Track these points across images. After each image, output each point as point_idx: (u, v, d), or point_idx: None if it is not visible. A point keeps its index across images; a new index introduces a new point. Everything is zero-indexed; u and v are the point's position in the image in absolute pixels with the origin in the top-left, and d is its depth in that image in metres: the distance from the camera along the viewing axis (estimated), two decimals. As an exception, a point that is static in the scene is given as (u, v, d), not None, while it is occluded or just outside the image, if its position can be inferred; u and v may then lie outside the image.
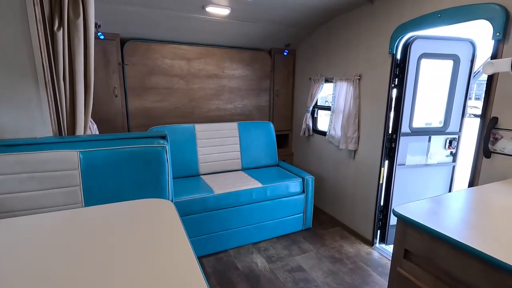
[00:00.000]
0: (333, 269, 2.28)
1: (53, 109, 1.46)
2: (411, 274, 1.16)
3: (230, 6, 2.42)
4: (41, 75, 1.38)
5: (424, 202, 1.26)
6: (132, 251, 0.83)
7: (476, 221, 1.09)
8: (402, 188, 2.48)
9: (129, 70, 2.81)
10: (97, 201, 1.37)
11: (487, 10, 1.63)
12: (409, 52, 2.18)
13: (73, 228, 0.98)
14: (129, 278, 0.71)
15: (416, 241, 1.12)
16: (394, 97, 2.32)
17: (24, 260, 0.78)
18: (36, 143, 1.32)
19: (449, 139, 2.48)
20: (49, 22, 1.39)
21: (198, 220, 2.35)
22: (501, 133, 1.61)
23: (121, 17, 2.45)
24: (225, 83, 3.31)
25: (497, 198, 1.31)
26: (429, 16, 1.95)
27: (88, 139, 1.43)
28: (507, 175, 1.59)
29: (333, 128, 2.92)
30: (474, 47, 2.32)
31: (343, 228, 2.94)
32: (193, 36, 2.95)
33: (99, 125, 2.44)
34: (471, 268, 0.93)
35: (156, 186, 1.53)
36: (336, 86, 2.85)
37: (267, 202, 2.63)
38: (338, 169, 2.99)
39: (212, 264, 2.34)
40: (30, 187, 1.29)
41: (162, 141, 1.55)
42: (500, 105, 1.61)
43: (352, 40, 2.65)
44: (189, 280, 0.70)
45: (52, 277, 0.72)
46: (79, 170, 1.34)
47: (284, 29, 3.04)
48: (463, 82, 2.38)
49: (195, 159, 2.85)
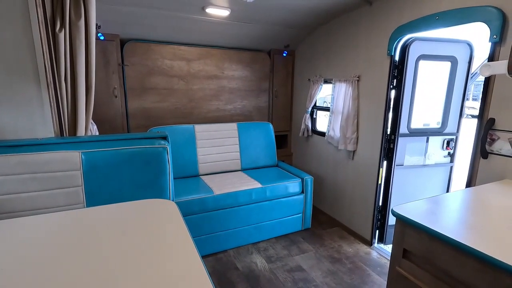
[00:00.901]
0: (332, 269, 2.30)
1: (54, 110, 1.47)
2: (410, 274, 1.17)
3: (230, 7, 2.43)
4: (43, 76, 1.39)
5: (422, 202, 1.28)
6: (136, 251, 0.84)
7: (473, 221, 1.11)
8: (401, 188, 2.50)
9: (129, 70, 2.81)
10: (99, 201, 1.38)
11: (484, 13, 1.65)
12: (407, 53, 2.20)
13: (75, 229, 0.99)
14: (134, 278, 0.72)
15: (414, 241, 1.14)
16: (392, 98, 2.34)
17: (25, 261, 0.79)
18: (38, 144, 1.32)
19: (447, 140, 2.50)
20: (51, 24, 1.40)
21: (197, 221, 2.36)
22: (498, 134, 1.63)
23: (121, 18, 2.46)
24: (225, 84, 3.32)
25: (494, 198, 1.33)
26: (427, 18, 1.97)
27: (90, 140, 1.44)
28: (504, 175, 1.61)
29: (332, 129, 2.94)
30: (471, 49, 2.34)
31: (342, 228, 2.96)
32: (192, 37, 2.96)
33: (99, 125, 2.45)
34: (469, 267, 0.95)
35: (157, 186, 1.54)
36: (335, 87, 2.87)
37: (266, 202, 2.64)
38: (337, 169, 3.01)
39: (212, 264, 2.35)
40: (32, 187, 1.29)
41: (163, 141, 1.55)
42: (497, 107, 1.63)
43: (351, 41, 2.67)
44: (194, 280, 0.71)
45: (55, 278, 0.72)
46: (81, 171, 1.35)
47: (283, 30, 3.06)
48: (461, 83, 2.41)
49: (194, 159, 2.86)
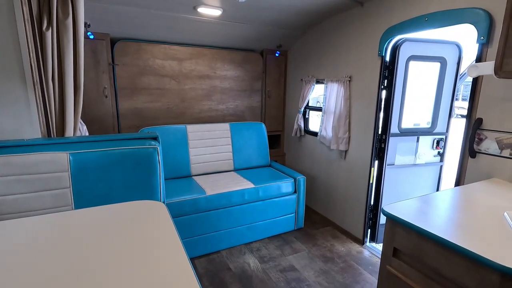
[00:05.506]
0: (324, 268, 2.31)
1: (41, 110, 1.44)
2: (400, 272, 1.18)
3: (221, 7, 2.42)
4: (29, 75, 1.36)
5: (412, 201, 1.30)
6: (124, 253, 0.83)
7: (461, 220, 1.12)
8: (392, 187, 2.53)
9: (120, 70, 2.78)
10: (88, 203, 1.36)
11: (471, 15, 1.68)
12: (397, 54, 2.23)
13: (63, 231, 0.97)
14: (121, 281, 0.71)
15: (404, 240, 1.15)
16: (383, 98, 2.36)
17: (10, 265, 0.77)
18: (24, 145, 1.29)
19: (437, 140, 2.54)
20: (37, 22, 1.37)
21: (190, 221, 2.34)
22: (485, 133, 1.66)
23: (111, 17, 2.42)
24: (217, 84, 3.30)
25: (481, 197, 1.35)
26: (417, 20, 1.99)
27: (78, 141, 1.41)
28: (491, 174, 1.64)
29: (324, 129, 2.96)
30: (460, 50, 2.38)
31: (335, 227, 2.98)
32: (184, 37, 2.93)
33: (88, 126, 2.41)
34: (457, 265, 0.96)
35: (148, 187, 1.52)
36: (327, 87, 2.88)
37: (259, 202, 2.64)
38: (329, 169, 3.02)
39: (204, 265, 2.34)
40: (18, 189, 1.26)
41: (153, 142, 1.54)
42: (485, 107, 1.66)
43: (343, 42, 2.68)
44: (182, 282, 0.71)
45: (41, 282, 0.71)
46: (69, 172, 1.32)
47: (276, 31, 3.06)
48: (450, 84, 2.45)
49: (187, 160, 2.84)
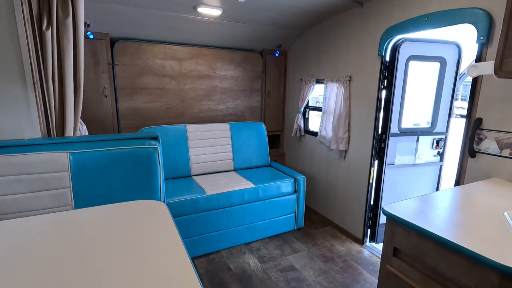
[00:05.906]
0: (324, 268, 2.31)
1: (41, 110, 1.44)
2: (400, 271, 1.18)
3: (221, 6, 2.42)
4: (29, 75, 1.35)
5: (412, 201, 1.30)
6: (125, 253, 0.83)
7: (461, 219, 1.12)
8: (392, 187, 2.53)
9: (119, 70, 2.78)
10: (88, 203, 1.36)
11: (471, 15, 1.68)
12: (397, 54, 2.23)
13: (63, 231, 0.97)
14: (123, 281, 0.71)
15: (404, 239, 1.15)
16: (383, 98, 2.37)
17: (11, 266, 0.77)
18: (24, 145, 1.29)
19: (436, 139, 2.54)
20: (37, 22, 1.36)
21: (190, 221, 2.34)
22: (485, 133, 1.66)
23: (111, 17, 2.42)
24: (217, 84, 3.30)
25: (481, 196, 1.35)
26: (417, 20, 2.00)
27: (78, 140, 1.41)
28: (490, 174, 1.65)
29: (324, 129, 2.96)
30: (459, 50, 2.39)
31: (334, 227, 2.98)
32: (184, 36, 2.93)
33: (88, 125, 2.41)
34: (456, 264, 0.97)
35: (148, 187, 1.52)
36: (326, 87, 2.88)
37: (259, 202, 2.64)
38: (329, 169, 3.03)
39: (204, 265, 2.34)
40: (18, 189, 1.26)
41: (153, 142, 1.54)
42: (484, 107, 1.66)
43: (343, 42, 2.69)
44: (183, 282, 0.71)
45: (41, 282, 0.71)
46: (69, 172, 1.32)
47: (276, 31, 3.06)
48: (450, 84, 2.45)
49: (187, 160, 2.84)
